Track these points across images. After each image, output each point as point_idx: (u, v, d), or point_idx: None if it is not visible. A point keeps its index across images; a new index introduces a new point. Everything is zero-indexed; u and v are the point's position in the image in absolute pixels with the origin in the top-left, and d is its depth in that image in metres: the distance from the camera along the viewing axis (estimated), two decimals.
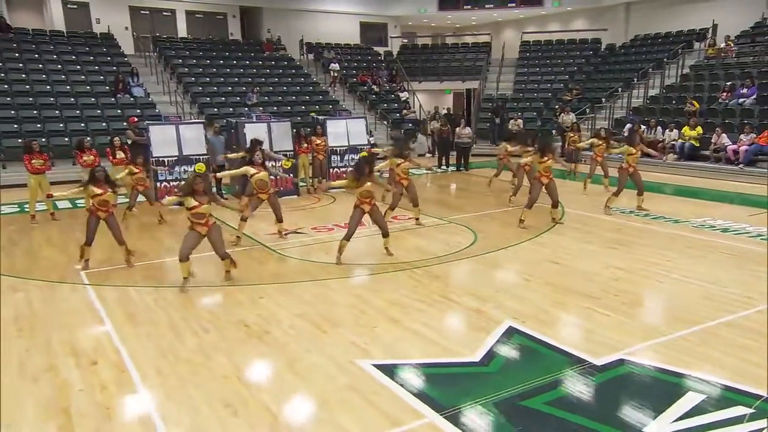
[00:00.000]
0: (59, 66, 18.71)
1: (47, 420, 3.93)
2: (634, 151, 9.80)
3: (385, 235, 7.68)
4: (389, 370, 4.58)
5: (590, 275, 6.83)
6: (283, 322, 5.57)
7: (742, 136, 13.39)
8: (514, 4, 26.68)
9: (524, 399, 4.15)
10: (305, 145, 12.28)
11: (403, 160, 9.26)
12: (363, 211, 7.46)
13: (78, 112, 16.65)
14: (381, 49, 26.27)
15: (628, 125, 15.65)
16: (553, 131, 17.78)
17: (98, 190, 7.05)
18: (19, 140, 14.17)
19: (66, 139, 15.08)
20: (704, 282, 6.43)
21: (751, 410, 3.92)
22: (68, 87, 17.66)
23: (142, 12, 24.29)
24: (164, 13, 24.78)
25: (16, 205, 11.48)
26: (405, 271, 7.11)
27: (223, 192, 12.22)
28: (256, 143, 8.68)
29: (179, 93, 19.15)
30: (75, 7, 22.97)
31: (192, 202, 6.45)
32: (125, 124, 14.54)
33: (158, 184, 11.01)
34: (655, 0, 23.28)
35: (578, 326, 5.42)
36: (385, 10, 27.52)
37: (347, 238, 7.40)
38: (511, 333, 5.26)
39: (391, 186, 8.78)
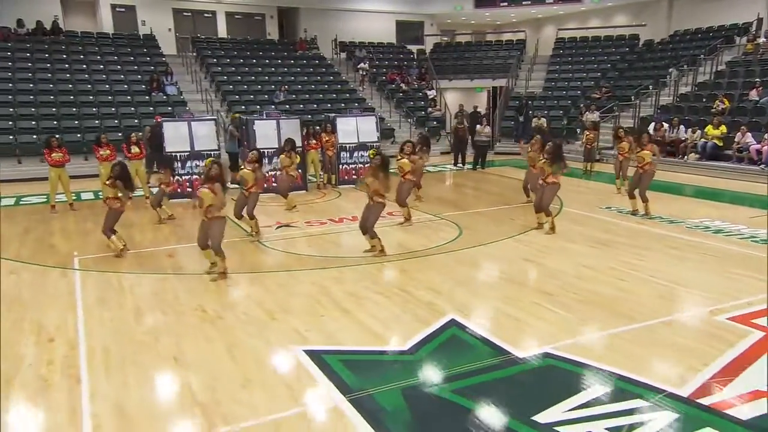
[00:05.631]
0: (101, 66, 19.74)
1: None
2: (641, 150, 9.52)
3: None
4: (317, 356, 4.79)
5: (556, 273, 6.84)
6: (239, 309, 5.88)
7: (766, 136, 12.85)
8: (552, 1, 26.25)
9: (433, 386, 4.30)
10: (314, 141, 12.60)
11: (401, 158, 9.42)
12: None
13: (113, 109, 17.56)
14: (414, 48, 26.37)
15: (652, 124, 15.28)
16: (578, 130, 17.50)
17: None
18: (57, 135, 15.09)
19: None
20: (668, 282, 6.34)
21: (647, 403, 3.94)
22: (107, 86, 18.64)
23: (184, 14, 25.21)
24: (205, 15, 25.63)
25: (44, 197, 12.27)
26: (375, 264, 7.30)
27: None
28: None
29: (211, 91, 19.86)
30: (123, 10, 24.02)
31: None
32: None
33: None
34: None
35: (519, 321, 5.47)
36: (422, 8, 27.55)
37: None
38: (450, 325, 5.38)
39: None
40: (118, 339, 5.18)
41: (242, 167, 9.02)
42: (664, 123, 15.00)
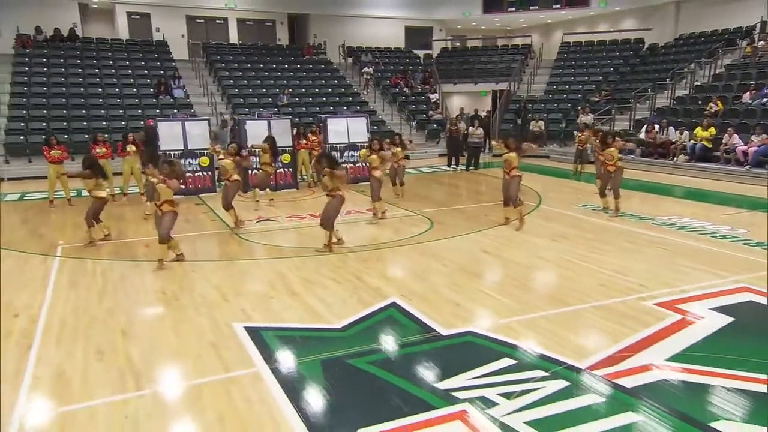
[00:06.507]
0: (113, 71, 20.47)
1: None
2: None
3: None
4: (255, 332, 5.12)
5: (509, 263, 7.08)
6: (196, 291, 6.22)
7: (753, 137, 12.87)
8: (559, 6, 26.37)
9: (352, 358, 4.58)
10: (304, 141, 12.98)
11: (370, 153, 9.75)
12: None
13: (121, 111, 18.22)
14: (421, 53, 26.70)
15: (644, 126, 15.38)
16: (575, 132, 17.61)
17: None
18: (65, 136, 15.83)
19: (106, 134, 16.47)
20: (612, 271, 6.54)
21: (545, 373, 4.18)
22: (117, 89, 19.34)
23: (197, 20, 25.90)
24: (218, 21, 26.29)
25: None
26: (339, 255, 7.59)
27: None
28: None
29: (218, 94, 20.44)
30: (138, 17, 24.80)
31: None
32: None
33: None
34: None
35: (457, 305, 5.71)
36: (430, 14, 27.91)
37: None
38: (389, 307, 5.66)
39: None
40: (76, 315, 5.56)
41: (222, 158, 9.39)
42: (655, 125, 15.08)
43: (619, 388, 3.96)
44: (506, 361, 4.42)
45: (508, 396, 3.90)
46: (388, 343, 4.85)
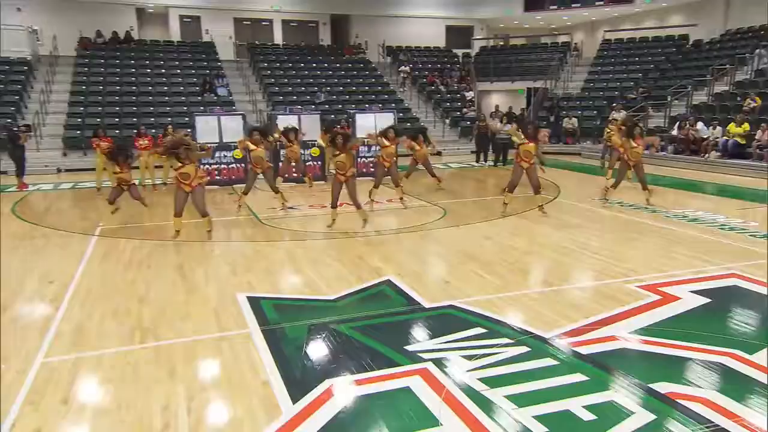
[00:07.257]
0: (163, 70, 21.62)
1: None
2: (634, 144, 9.68)
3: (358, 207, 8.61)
4: (255, 301, 5.60)
5: (506, 248, 7.36)
6: (210, 267, 6.78)
7: None
8: (602, 3, 26.06)
9: (337, 324, 5.00)
10: None
11: (389, 144, 10.16)
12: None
13: (168, 108, 19.25)
14: (460, 51, 26.90)
15: (677, 123, 15.20)
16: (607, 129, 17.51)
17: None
18: (117, 131, 16.95)
19: (153, 130, 17.52)
20: (606, 257, 6.73)
21: (510, 341, 4.49)
22: (166, 88, 20.43)
23: (244, 23, 26.94)
24: (263, 23, 27.28)
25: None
26: (349, 239, 8.03)
27: None
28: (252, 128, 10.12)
29: (259, 93, 21.27)
30: (189, 20, 26.02)
31: (177, 163, 7.84)
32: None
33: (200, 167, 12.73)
34: None
35: (447, 283, 6.06)
36: (471, 13, 28.08)
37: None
38: (383, 284, 6.05)
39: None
40: (102, 283, 6.20)
41: (254, 149, 9.94)
42: (687, 121, 14.91)
43: (576, 354, 4.23)
44: (477, 330, 4.74)
45: (469, 358, 4.24)
46: (373, 312, 5.24)
